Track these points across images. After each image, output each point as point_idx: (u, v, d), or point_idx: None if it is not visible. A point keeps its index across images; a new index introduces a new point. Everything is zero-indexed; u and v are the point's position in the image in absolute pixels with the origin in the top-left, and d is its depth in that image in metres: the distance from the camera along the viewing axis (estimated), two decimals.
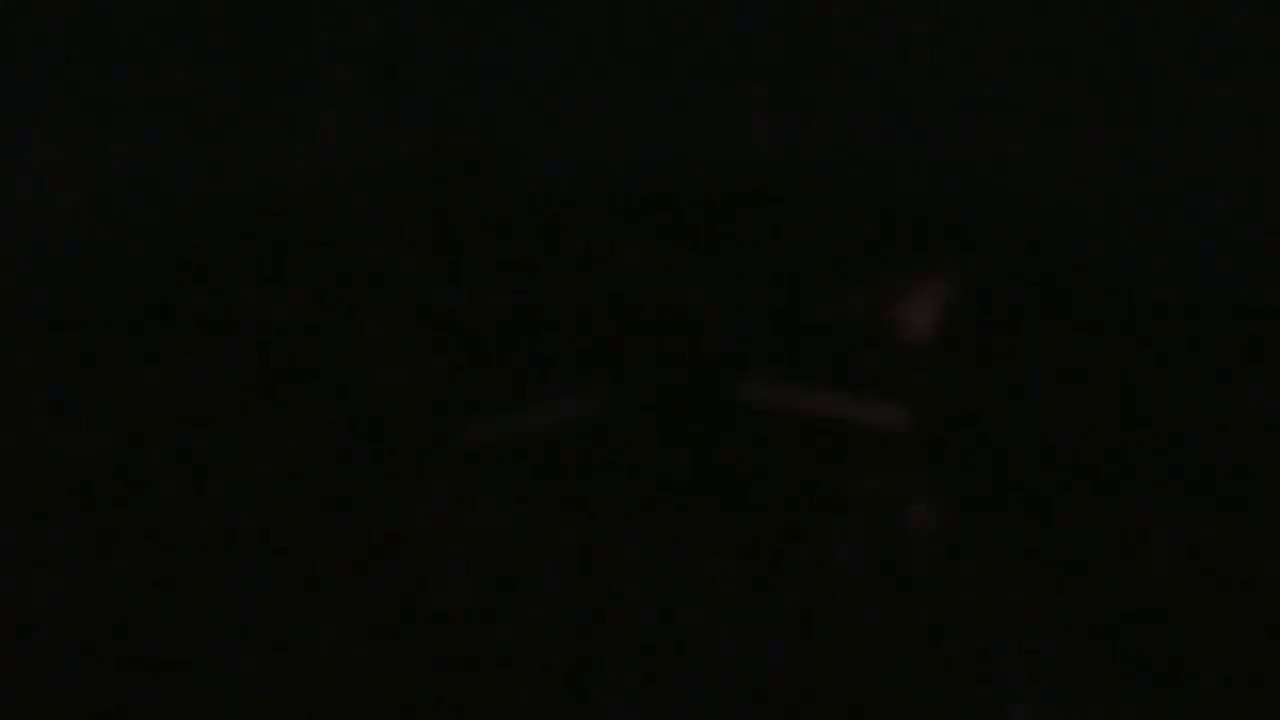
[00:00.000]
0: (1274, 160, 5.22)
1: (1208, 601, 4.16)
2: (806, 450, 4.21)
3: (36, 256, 5.52)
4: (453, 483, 3.92)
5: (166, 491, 4.67)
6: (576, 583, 4.32)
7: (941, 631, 4.19)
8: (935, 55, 5.66)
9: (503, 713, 3.88)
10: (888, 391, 4.19)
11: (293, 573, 4.35)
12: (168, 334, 5.50)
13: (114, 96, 5.54)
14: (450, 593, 4.19)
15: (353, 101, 5.97)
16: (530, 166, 5.92)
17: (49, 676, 3.92)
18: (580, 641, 4.13)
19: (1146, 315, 5.48)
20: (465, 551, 4.05)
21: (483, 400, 4.15)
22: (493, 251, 5.44)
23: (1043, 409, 5.01)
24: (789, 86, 5.89)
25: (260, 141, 5.90)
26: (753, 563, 4.40)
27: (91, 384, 5.19)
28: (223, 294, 4.94)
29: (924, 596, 4.21)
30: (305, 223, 5.83)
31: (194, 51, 5.82)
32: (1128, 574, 4.31)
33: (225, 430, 4.92)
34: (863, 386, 4.21)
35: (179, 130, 5.73)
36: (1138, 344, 5.35)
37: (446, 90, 6.11)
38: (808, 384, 4.27)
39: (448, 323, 4.34)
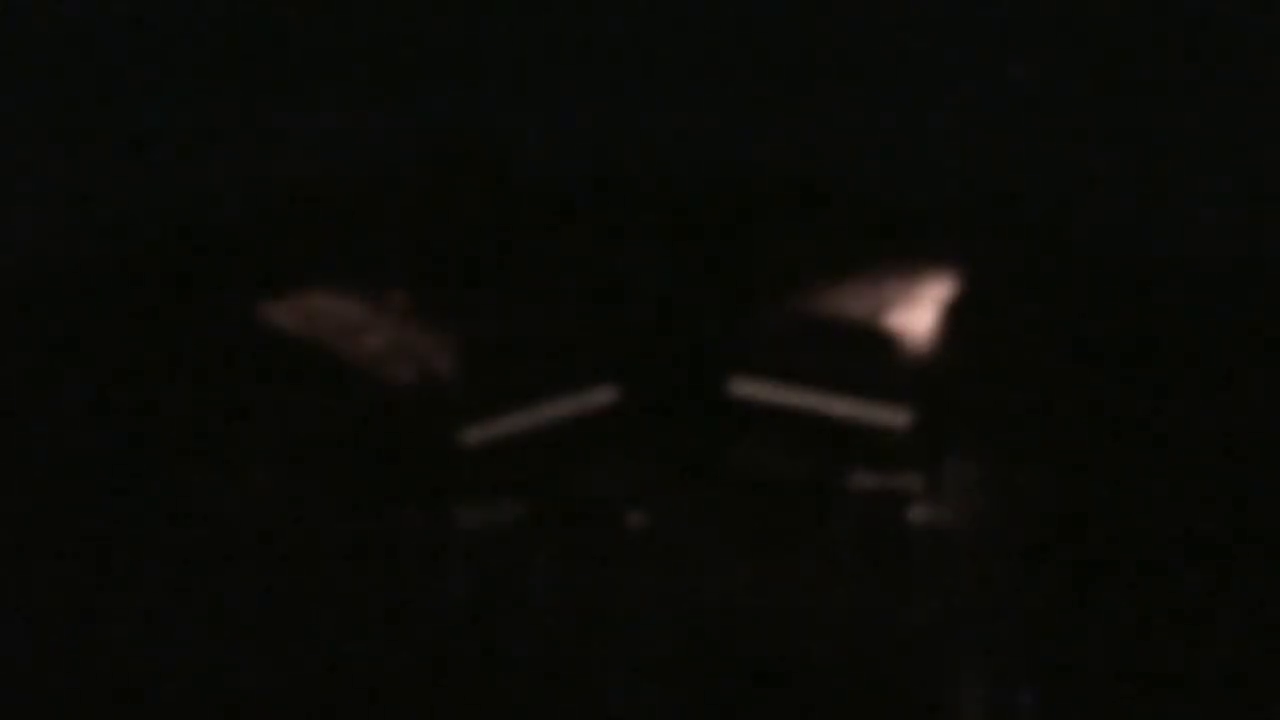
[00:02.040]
0: (1274, 158, 5.22)
1: (1209, 600, 4.16)
2: (806, 450, 4.21)
3: (35, 256, 5.52)
4: (452, 483, 3.92)
5: (165, 490, 4.67)
6: (576, 582, 4.32)
7: (941, 631, 4.18)
8: (935, 56, 5.67)
9: (503, 712, 3.88)
10: (888, 391, 4.20)
11: (292, 572, 4.34)
12: (167, 333, 5.50)
13: (113, 98, 5.54)
14: (450, 593, 4.19)
15: (353, 102, 5.98)
16: (530, 167, 5.92)
17: (49, 676, 3.92)
18: (580, 640, 4.13)
19: (1146, 313, 5.47)
20: (465, 551, 4.05)
21: (483, 400, 4.15)
22: (493, 252, 5.44)
23: (1043, 407, 5.01)
24: (789, 87, 5.89)
25: (260, 142, 5.90)
26: (752, 561, 4.40)
27: (91, 382, 5.19)
28: (222, 294, 4.94)
29: (924, 596, 4.21)
30: (306, 223, 5.83)
31: (193, 52, 5.82)
32: (1129, 573, 4.31)
33: (225, 430, 4.92)
34: (863, 386, 4.21)
35: (178, 131, 5.74)
36: (1138, 341, 5.35)
37: (446, 91, 6.11)
38: (808, 384, 4.27)
39: (449, 323, 4.34)
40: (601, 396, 4.46)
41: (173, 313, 5.80)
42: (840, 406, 4.29)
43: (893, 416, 4.23)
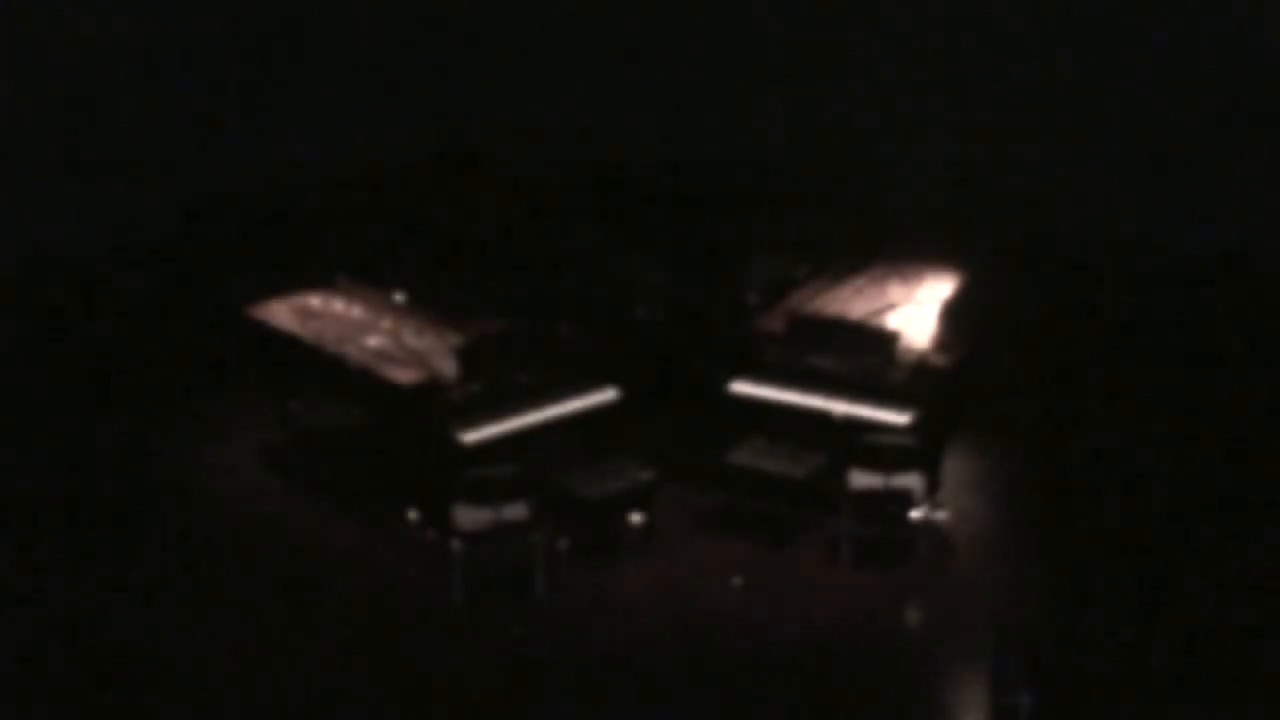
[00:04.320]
0: (1272, 160, 5.20)
1: (1209, 598, 4.13)
2: (806, 449, 4.19)
3: (36, 256, 5.50)
4: (451, 482, 3.90)
5: (167, 487, 4.64)
6: (576, 581, 4.30)
7: (941, 630, 4.15)
8: (935, 58, 5.65)
9: (503, 711, 3.85)
10: (888, 392, 4.18)
11: (293, 571, 4.33)
12: (169, 331, 5.47)
13: (114, 99, 5.52)
14: (451, 592, 4.15)
15: (353, 102, 5.95)
16: (530, 167, 5.89)
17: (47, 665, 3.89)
18: (580, 638, 4.09)
19: (1147, 312, 5.45)
20: (463, 551, 4.03)
21: (483, 400, 4.13)
22: (494, 252, 5.41)
23: (1043, 407, 4.99)
24: (789, 86, 5.87)
25: (261, 142, 5.86)
26: (753, 561, 4.38)
27: (91, 381, 5.17)
28: (224, 293, 4.91)
29: (924, 594, 4.18)
30: (306, 223, 5.80)
31: (195, 54, 5.80)
32: (1129, 571, 4.28)
33: (227, 429, 4.90)
34: (863, 387, 4.20)
35: (178, 132, 5.71)
36: (1137, 340, 5.32)
37: (446, 91, 6.09)
38: (807, 385, 4.25)
39: (450, 322, 4.32)
40: (601, 396, 4.44)
41: (173, 312, 5.76)
42: (840, 406, 4.28)
43: (893, 416, 4.21)
